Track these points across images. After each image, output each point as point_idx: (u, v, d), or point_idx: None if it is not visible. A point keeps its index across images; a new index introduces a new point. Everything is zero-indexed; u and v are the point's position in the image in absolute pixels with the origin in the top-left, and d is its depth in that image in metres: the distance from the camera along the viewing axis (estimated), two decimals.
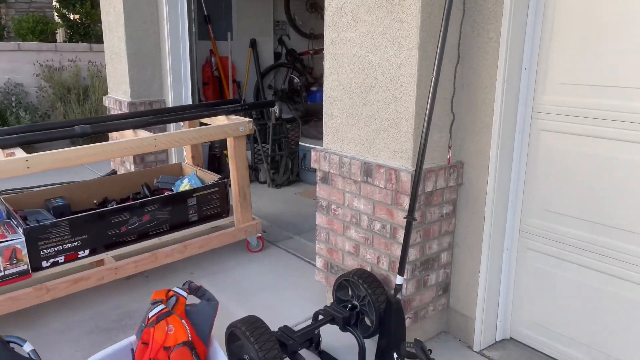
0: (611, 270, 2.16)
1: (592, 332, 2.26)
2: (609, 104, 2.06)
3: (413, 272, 2.40)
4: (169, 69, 4.75)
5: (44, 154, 2.67)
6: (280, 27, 6.23)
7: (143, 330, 2.04)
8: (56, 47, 6.96)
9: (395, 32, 2.20)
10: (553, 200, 2.30)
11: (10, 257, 2.74)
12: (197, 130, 3.26)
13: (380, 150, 2.38)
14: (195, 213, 3.45)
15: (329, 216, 2.71)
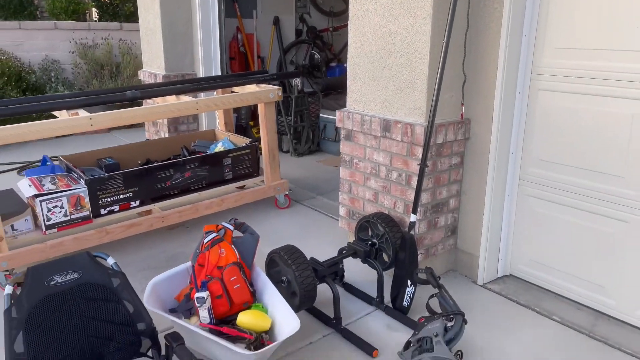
0: (597, 210, 2.50)
1: (579, 264, 2.62)
2: (597, 65, 2.39)
3: (425, 214, 2.77)
4: (200, 44, 5.11)
5: (103, 113, 3.07)
6: (301, 5, 6.54)
7: (198, 255, 2.45)
8: (89, 25, 7.36)
9: (412, 3, 2.54)
10: (548, 151, 2.64)
11: (75, 203, 3.16)
12: (233, 95, 3.63)
13: (397, 108, 2.73)
14: (230, 172, 3.85)
15: (351, 169, 3.08)
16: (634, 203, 2.36)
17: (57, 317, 1.94)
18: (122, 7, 8.51)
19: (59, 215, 3.10)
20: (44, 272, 1.98)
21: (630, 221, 2.39)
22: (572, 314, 2.61)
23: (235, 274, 2.30)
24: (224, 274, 2.30)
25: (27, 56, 6.90)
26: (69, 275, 2.02)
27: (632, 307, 2.46)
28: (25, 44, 6.91)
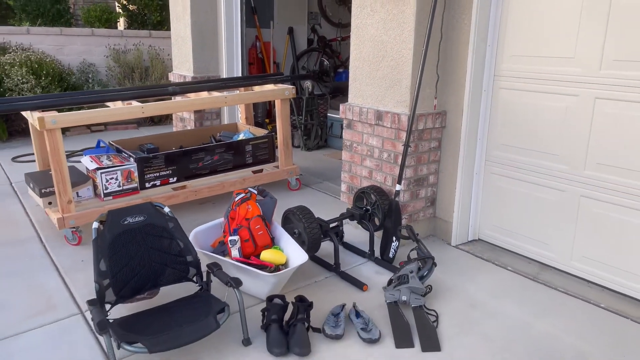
0: (542, 182, 3.18)
1: (530, 226, 3.29)
2: (541, 68, 3.08)
3: (408, 186, 3.46)
4: (224, 50, 5.86)
5: (152, 103, 3.81)
6: (313, 17, 7.29)
7: (229, 212, 3.15)
8: (122, 33, 8.16)
9: (400, 19, 3.25)
10: (508, 137, 3.33)
11: (127, 177, 3.89)
12: (255, 92, 4.36)
13: (388, 101, 3.44)
14: (250, 157, 4.56)
15: (351, 152, 3.79)
16: (567, 175, 3.04)
17: (129, 246, 2.64)
18: (150, 17, 9.32)
19: (114, 186, 3.83)
20: (120, 214, 2.69)
21: (566, 190, 3.07)
22: (523, 266, 3.29)
23: (259, 223, 3.01)
24: (251, 223, 3.01)
25: (67, 59, 7.70)
26: (137, 218, 2.73)
27: (568, 258, 3.13)
28: (65, 49, 7.72)
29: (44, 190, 3.64)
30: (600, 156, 2.88)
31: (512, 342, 2.55)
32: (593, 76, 2.84)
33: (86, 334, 2.65)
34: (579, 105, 2.93)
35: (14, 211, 4.30)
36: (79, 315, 2.83)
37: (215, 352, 2.48)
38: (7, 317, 2.78)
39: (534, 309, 2.83)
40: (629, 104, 2.72)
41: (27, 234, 3.84)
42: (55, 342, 2.58)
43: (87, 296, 2.98)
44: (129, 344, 2.26)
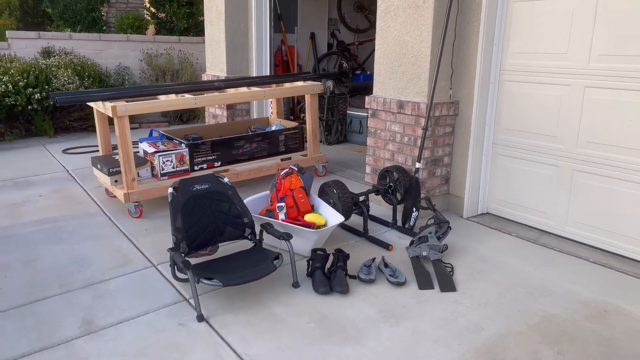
0: (541, 160, 3.73)
1: (531, 199, 3.84)
2: (539, 63, 3.64)
3: (426, 165, 4.02)
4: (254, 52, 6.46)
5: (203, 95, 4.40)
6: (332, 23, 7.89)
7: (275, 185, 3.73)
8: (154, 39, 8.80)
9: (419, 21, 3.83)
10: (511, 122, 3.88)
11: (180, 159, 4.47)
12: (289, 87, 4.94)
13: (408, 92, 4.01)
14: (283, 146, 5.14)
15: (375, 138, 4.35)
16: (562, 153, 3.59)
17: (198, 208, 3.22)
18: (177, 24, 9.96)
19: (169, 167, 4.42)
20: (189, 182, 3.27)
21: (560, 166, 3.62)
22: (525, 232, 3.84)
23: (301, 193, 3.58)
24: (294, 193, 3.58)
25: (105, 63, 8.35)
26: (203, 185, 3.30)
27: (563, 224, 3.68)
28: (103, 53, 8.37)
29: (112, 170, 4.23)
30: (589, 135, 3.43)
31: (515, 284, 3.10)
32: (583, 68, 3.40)
33: (162, 280, 3.22)
34: (571, 94, 3.49)
35: (77, 192, 4.90)
36: (152, 267, 3.40)
37: (272, 293, 3.05)
38: (96, 268, 3.37)
39: (533, 263, 3.38)
40: (613, 91, 3.27)
41: (93, 210, 4.44)
42: (138, 284, 3.16)
43: (156, 255, 3.56)
44: (207, 279, 2.83)
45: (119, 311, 2.87)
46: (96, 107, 4.30)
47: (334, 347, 2.54)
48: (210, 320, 2.79)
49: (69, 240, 3.81)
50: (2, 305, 2.94)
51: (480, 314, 2.81)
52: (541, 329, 2.66)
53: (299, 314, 2.83)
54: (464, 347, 2.52)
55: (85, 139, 7.23)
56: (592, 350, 2.48)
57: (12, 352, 2.53)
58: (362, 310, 2.86)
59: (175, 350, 2.53)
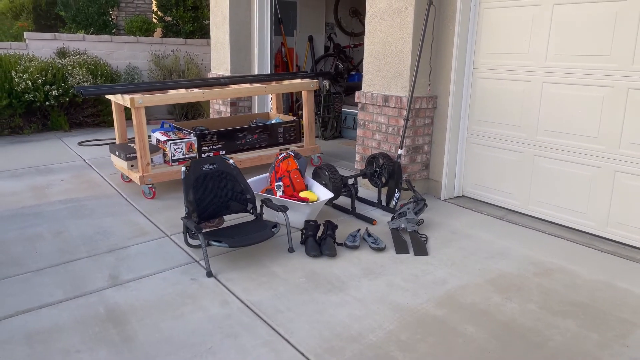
0: (507, 147, 4.25)
1: (500, 182, 4.36)
2: (505, 62, 4.17)
3: (408, 152, 4.54)
4: (256, 53, 6.99)
5: (210, 90, 4.93)
6: (329, 27, 8.43)
7: (274, 167, 4.25)
8: (162, 41, 9.34)
9: (402, 26, 4.36)
10: (483, 114, 4.40)
11: (189, 147, 4.99)
12: (288, 84, 5.47)
13: (392, 87, 4.53)
14: (282, 137, 5.66)
15: (364, 129, 4.88)
16: (525, 140, 4.11)
17: (207, 184, 3.73)
18: (183, 27, 10.50)
19: (179, 154, 4.94)
20: (200, 163, 3.78)
21: (524, 151, 4.14)
22: (494, 211, 4.35)
23: (297, 174, 4.10)
24: (291, 173, 4.10)
25: (115, 63, 8.89)
26: (211, 165, 3.82)
27: (526, 203, 4.19)
28: (114, 54, 8.91)
29: (129, 155, 4.75)
30: (547, 124, 3.95)
31: (478, 250, 3.62)
32: (541, 66, 3.92)
33: (175, 247, 3.73)
34: (531, 88, 4.01)
35: (95, 178, 5.42)
36: (166, 237, 3.91)
37: (270, 257, 3.56)
38: (118, 237, 3.88)
39: (496, 234, 3.89)
40: (566, 85, 3.79)
41: (110, 192, 4.95)
42: (155, 250, 3.67)
43: (169, 228, 4.08)
44: (216, 242, 3.34)
45: (140, 269, 3.38)
46: (115, 100, 4.82)
47: (321, 295, 3.05)
48: (217, 276, 3.29)
49: (91, 216, 4.32)
50: (40, 264, 3.45)
51: (445, 272, 3.32)
52: (495, 282, 3.17)
53: (292, 272, 3.34)
54: (429, 295, 3.03)
55: (98, 133, 7.76)
56: (534, 297, 3.00)
57: (50, 299, 3.04)
58: (347, 269, 3.37)
59: (189, 297, 3.04)
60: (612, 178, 3.60)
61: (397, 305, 2.93)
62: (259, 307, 2.93)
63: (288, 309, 2.91)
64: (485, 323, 2.74)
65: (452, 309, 2.89)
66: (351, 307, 2.91)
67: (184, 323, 2.77)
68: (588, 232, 3.82)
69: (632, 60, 3.39)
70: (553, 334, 2.64)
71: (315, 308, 2.91)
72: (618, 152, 3.55)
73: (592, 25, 3.59)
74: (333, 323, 2.77)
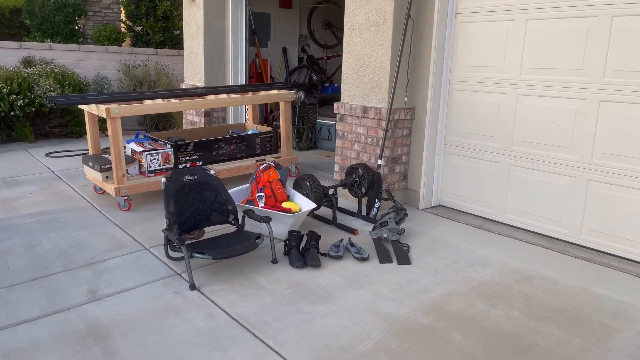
0: (485, 157, 4.35)
1: (476, 192, 4.45)
2: (480, 75, 4.28)
3: (387, 162, 4.59)
4: (230, 64, 6.97)
5: (188, 100, 4.87)
6: (303, 39, 8.48)
7: (254, 178, 4.22)
8: (132, 50, 9.20)
9: (380, 38, 4.42)
10: (459, 125, 4.50)
11: (165, 158, 4.92)
12: (265, 94, 5.46)
13: (371, 99, 4.59)
14: (259, 148, 5.64)
15: (343, 140, 4.91)
16: (501, 151, 4.22)
17: (187, 196, 3.68)
18: (153, 37, 10.37)
19: (155, 165, 4.85)
20: (179, 173, 3.73)
21: (500, 162, 4.24)
22: (471, 220, 4.44)
23: (278, 184, 4.09)
24: (272, 184, 4.08)
25: (84, 73, 8.70)
26: (192, 176, 3.77)
27: (502, 212, 4.29)
28: (82, 63, 8.72)
29: (104, 167, 4.64)
30: (522, 135, 4.07)
31: (459, 258, 3.68)
32: (516, 79, 4.05)
33: (154, 259, 3.66)
34: (507, 100, 4.13)
35: (65, 190, 5.27)
36: (144, 250, 3.83)
37: (253, 268, 3.52)
38: (94, 251, 3.78)
39: (475, 243, 3.97)
40: (540, 98, 3.92)
41: (83, 204, 4.82)
42: (133, 263, 3.59)
43: (147, 240, 3.99)
44: (199, 254, 3.29)
45: (119, 283, 3.30)
46: (89, 110, 4.71)
47: (308, 306, 3.03)
48: (201, 289, 3.24)
49: (64, 229, 4.20)
50: (13, 279, 3.32)
51: (429, 280, 3.36)
52: (478, 290, 3.23)
53: (277, 283, 3.32)
54: (415, 304, 3.06)
55: (65, 144, 7.56)
56: (517, 303, 3.06)
57: (27, 315, 2.92)
58: (332, 279, 3.37)
59: (172, 310, 2.98)
60: (586, 187, 3.73)
61: (384, 314, 2.94)
62: (245, 319, 2.90)
63: (275, 320, 2.88)
64: (472, 330, 2.78)
65: (439, 317, 2.92)
66: (339, 317, 2.91)
67: (169, 337, 2.71)
68: (563, 240, 3.94)
69: (603, 74, 3.54)
70: (537, 339, 2.70)
71: (303, 319, 2.90)
72: (591, 162, 3.68)
73: (564, 40, 3.74)
74: (322, 333, 2.76)
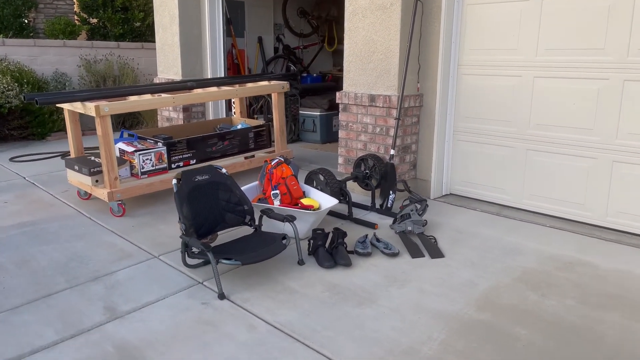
0: (499, 143, 4.26)
1: (489, 178, 4.36)
2: (490, 58, 4.17)
3: (398, 152, 4.42)
4: (209, 56, 6.59)
5: (181, 94, 4.52)
6: (277, 28, 8.18)
7: (264, 174, 3.95)
8: (92, 44, 8.60)
9: (388, 23, 4.23)
10: (468, 111, 4.39)
11: (159, 158, 4.56)
12: (257, 86, 5.17)
13: (379, 87, 4.40)
14: (252, 143, 5.35)
15: (347, 130, 4.70)
16: (516, 135, 4.14)
17: (201, 197, 3.38)
18: (112, 30, 9.76)
19: (148, 165, 4.49)
20: (190, 174, 3.42)
21: (515, 146, 4.16)
22: (487, 207, 4.35)
23: (293, 180, 3.84)
24: (287, 180, 3.83)
25: (40, 69, 8.05)
26: (204, 176, 3.47)
27: (520, 198, 4.22)
28: (39, 59, 8.07)
29: (93, 170, 4.23)
30: (539, 118, 3.99)
31: (491, 247, 3.56)
32: (532, 61, 3.96)
33: (168, 268, 3.35)
34: (522, 83, 4.04)
35: (44, 197, 4.81)
36: (154, 259, 3.51)
37: (280, 271, 3.28)
38: (97, 263, 3.42)
39: (501, 231, 3.87)
40: (559, 79, 3.85)
41: (69, 212, 4.40)
42: (146, 274, 3.27)
43: (153, 248, 3.66)
44: (226, 259, 3.01)
45: (137, 297, 2.98)
46: (72, 109, 4.28)
47: (353, 309, 2.83)
48: (231, 297, 2.97)
49: (56, 240, 3.80)
50: (14, 301, 2.94)
51: (469, 273, 3.22)
52: (523, 280, 3.12)
53: (311, 286, 3.09)
54: (464, 299, 2.91)
55: (29, 147, 6.97)
56: (567, 292, 2.97)
57: (42, 341, 2.58)
58: (368, 277, 3.18)
59: (208, 324, 2.71)
60: (610, 168, 3.70)
61: (437, 312, 2.78)
62: (291, 328, 2.66)
63: (324, 328, 2.66)
64: (533, 324, 2.66)
65: (494, 311, 2.78)
66: (390, 319, 2.72)
67: (214, 354, 2.45)
68: (587, 223, 3.90)
69: (627, 53, 3.49)
70: (604, 328, 2.61)
71: (353, 323, 2.69)
72: (615, 143, 3.65)
73: (584, 19, 3.67)
74: (378, 338, 2.56)
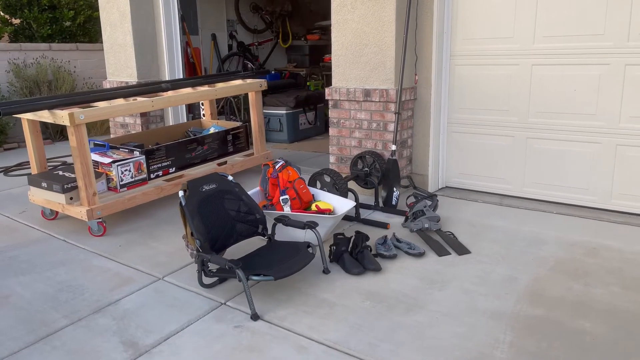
0: (498, 133, 4.23)
1: (487, 168, 4.32)
2: (483, 47, 4.13)
3: (397, 147, 4.28)
4: (166, 55, 6.13)
5: (159, 97, 4.11)
6: (230, 24, 7.79)
7: (268, 180, 3.66)
8: (21, 47, 7.77)
9: (380, 13, 4.07)
10: (462, 102, 4.32)
11: (137, 168, 4.12)
12: (235, 85, 4.83)
13: (373, 80, 4.22)
14: (231, 146, 5.00)
15: (338, 127, 4.49)
16: (516, 124, 4.12)
17: (212, 209, 3.05)
18: (39, 30, 8.89)
19: (127, 177, 4.04)
20: (197, 183, 3.09)
21: (515, 135, 4.15)
22: (488, 198, 4.31)
23: (302, 183, 3.58)
24: (295, 184, 3.56)
25: None
26: (211, 185, 3.15)
27: (521, 186, 4.22)
28: None
29: (67, 186, 3.74)
30: (539, 106, 4.00)
31: (513, 239, 3.50)
32: (529, 49, 3.95)
33: (180, 290, 3.00)
34: (520, 72, 4.02)
35: (1, 220, 4.22)
36: (160, 280, 3.14)
37: (306, 282, 3.03)
38: (94, 291, 3.00)
39: (514, 221, 3.83)
40: (558, 66, 3.86)
41: (37, 235, 3.88)
42: (157, 299, 2.90)
43: (151, 269, 3.28)
44: (256, 275, 2.71)
45: (158, 327, 2.63)
46: (36, 118, 3.75)
47: (403, 317, 2.64)
48: (264, 317, 2.69)
49: (34, 269, 3.31)
50: (9, 346, 2.49)
51: (504, 267, 3.13)
52: (559, 270, 3.07)
53: (347, 296, 2.87)
54: (513, 295, 2.81)
55: None
56: (607, 278, 2.95)
57: None
58: (404, 281, 3.00)
59: (251, 350, 2.42)
60: (614, 152, 3.76)
61: (492, 312, 2.66)
62: (346, 345, 2.43)
63: (381, 341, 2.46)
64: (592, 315, 2.60)
65: (547, 306, 2.70)
66: (447, 324, 2.56)
67: None
68: (592, 207, 3.96)
69: (627, 37, 3.55)
70: None
71: (409, 333, 2.51)
72: (619, 127, 3.71)
73: (582, 5, 3.69)
74: (443, 346, 2.40)
